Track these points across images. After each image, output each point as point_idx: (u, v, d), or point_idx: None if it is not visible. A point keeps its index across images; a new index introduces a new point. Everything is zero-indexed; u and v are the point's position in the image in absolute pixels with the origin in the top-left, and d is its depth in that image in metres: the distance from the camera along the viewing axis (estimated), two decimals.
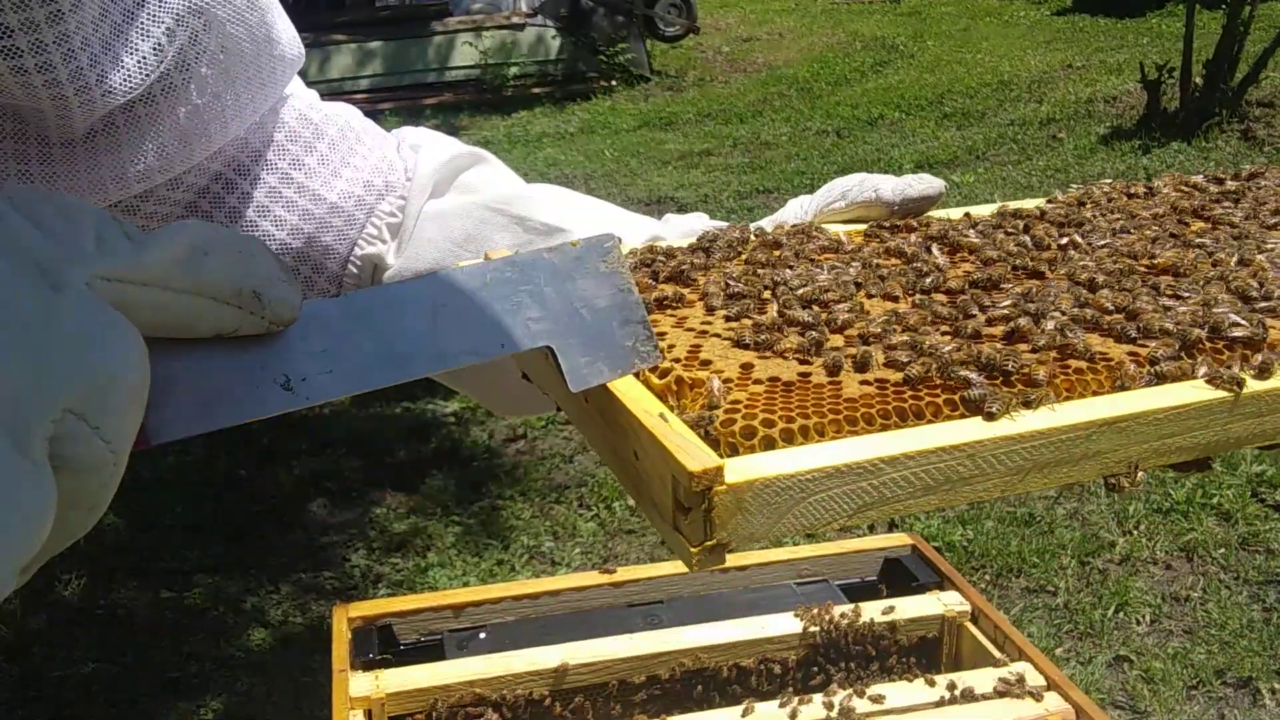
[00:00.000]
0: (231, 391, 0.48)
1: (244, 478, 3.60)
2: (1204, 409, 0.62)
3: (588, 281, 0.59)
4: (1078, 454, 0.60)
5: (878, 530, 3.17)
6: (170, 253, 0.43)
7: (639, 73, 9.51)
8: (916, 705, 1.23)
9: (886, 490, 0.56)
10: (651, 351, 0.60)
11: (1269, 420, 0.64)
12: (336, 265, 0.86)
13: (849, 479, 0.55)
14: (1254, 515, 3.15)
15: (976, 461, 0.58)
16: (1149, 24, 9.78)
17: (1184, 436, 0.62)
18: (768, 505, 0.53)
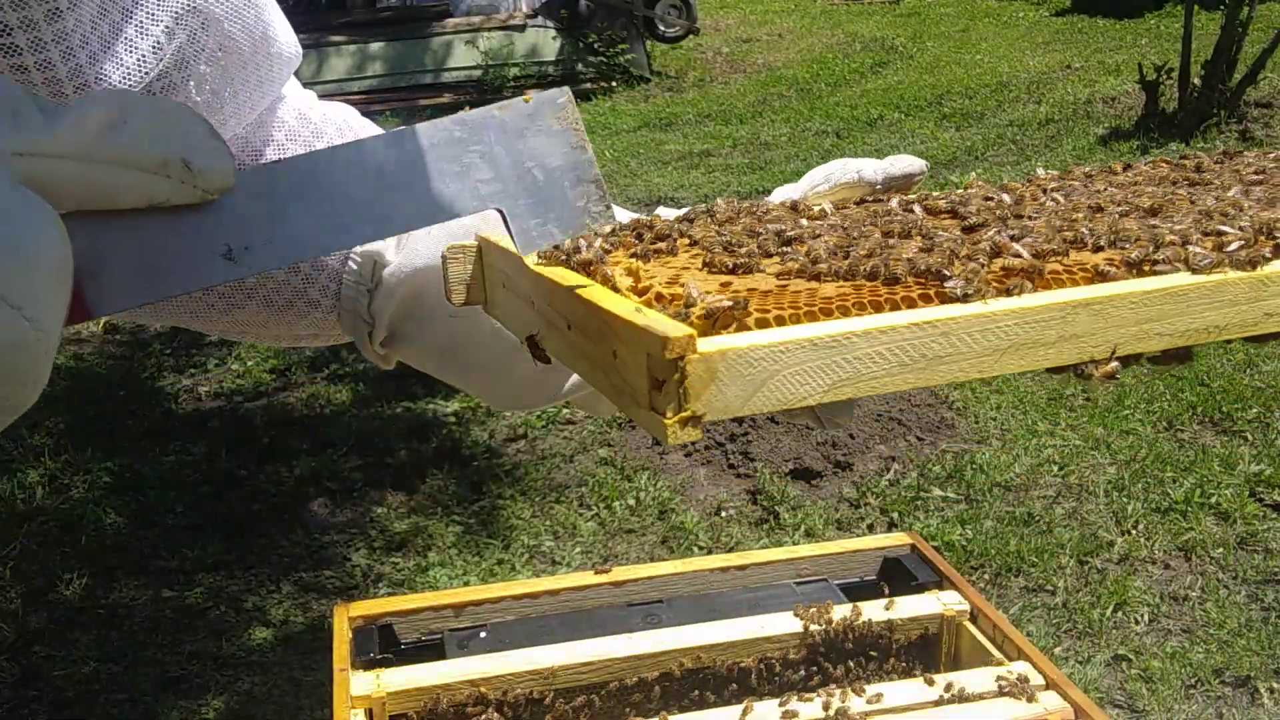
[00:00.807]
0: (171, 262, 0.47)
1: (244, 477, 3.60)
2: (1182, 293, 0.62)
3: (540, 139, 0.57)
4: (1054, 336, 0.59)
5: (877, 530, 3.18)
6: (88, 124, 0.42)
7: (639, 74, 9.52)
8: (915, 704, 1.23)
9: (860, 366, 0.56)
10: (604, 211, 0.59)
11: (1247, 309, 0.64)
12: (336, 262, 0.87)
13: (822, 351, 0.55)
14: (1252, 515, 3.15)
15: (951, 340, 0.57)
16: (1147, 25, 9.79)
17: (1163, 322, 0.62)
18: (741, 376, 0.53)
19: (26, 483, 3.55)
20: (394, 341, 0.91)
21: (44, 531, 3.31)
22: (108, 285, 0.46)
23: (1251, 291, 0.64)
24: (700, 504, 3.39)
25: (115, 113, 0.43)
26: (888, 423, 3.74)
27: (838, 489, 3.42)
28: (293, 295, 0.86)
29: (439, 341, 0.89)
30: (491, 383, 0.93)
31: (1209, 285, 0.63)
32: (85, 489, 3.54)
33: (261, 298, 0.85)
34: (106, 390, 4.23)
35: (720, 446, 3.66)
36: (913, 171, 0.90)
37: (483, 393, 0.96)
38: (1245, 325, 0.64)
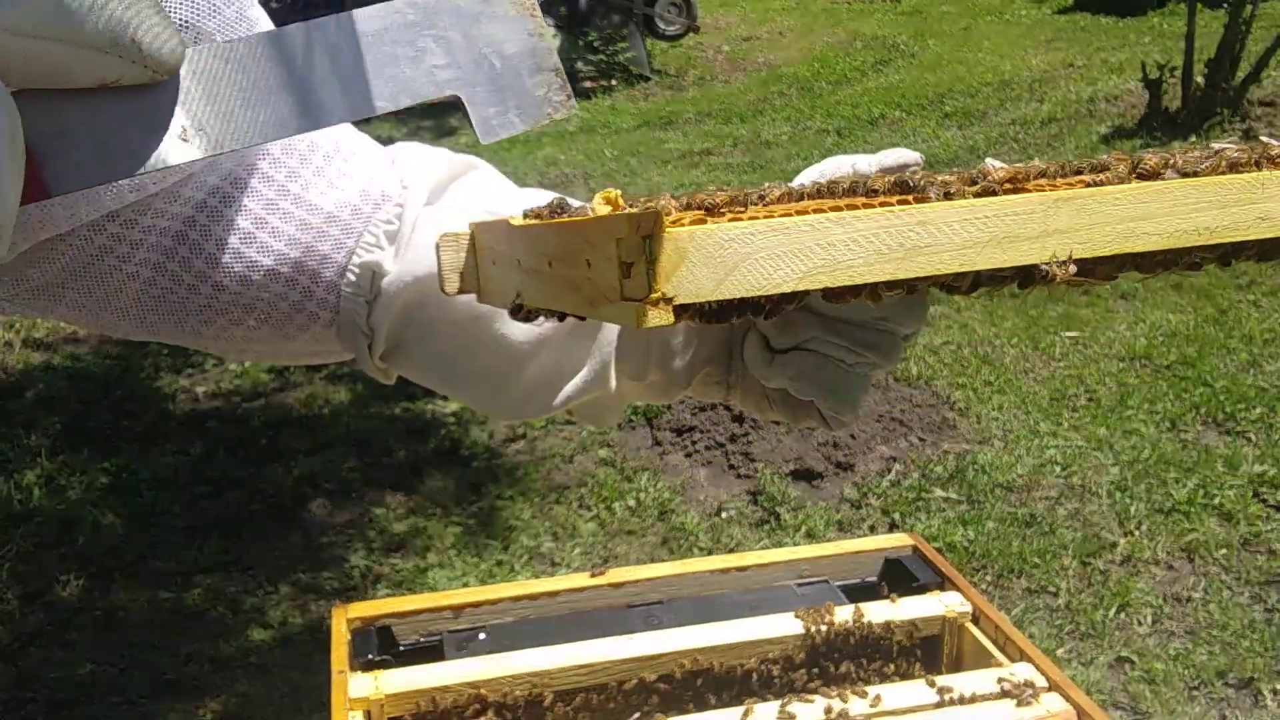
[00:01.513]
0: (128, 141, 0.48)
1: (242, 477, 3.60)
2: (1171, 191, 0.61)
3: (496, 26, 0.56)
4: (1036, 229, 0.58)
5: (878, 531, 3.17)
6: (42, 2, 0.43)
7: (639, 72, 9.51)
8: (917, 706, 1.22)
9: (835, 253, 0.54)
10: (564, 101, 0.58)
11: (1239, 211, 0.62)
12: (334, 274, 0.85)
13: (795, 236, 0.54)
14: (1255, 515, 3.14)
15: (929, 229, 0.56)
16: (1150, 23, 9.78)
17: (1150, 221, 0.61)
18: (711, 257, 0.52)
19: (23, 483, 3.54)
20: (394, 354, 0.90)
21: (41, 532, 3.30)
22: (66, 164, 0.46)
23: (1246, 193, 0.62)
24: (700, 505, 3.38)
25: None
26: (889, 423, 3.73)
27: (839, 490, 3.41)
28: (290, 309, 0.85)
29: (440, 351, 0.88)
30: (491, 393, 0.92)
31: (1200, 184, 0.61)
32: (82, 490, 3.53)
33: (258, 314, 0.84)
34: (103, 391, 4.22)
35: (720, 447, 3.65)
36: (906, 162, 0.89)
37: (481, 402, 0.95)
38: (1236, 228, 0.62)
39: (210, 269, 0.80)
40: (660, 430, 3.78)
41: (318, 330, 0.87)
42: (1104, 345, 4.29)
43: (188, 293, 0.81)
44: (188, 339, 0.85)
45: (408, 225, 0.86)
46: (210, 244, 0.80)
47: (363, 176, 0.87)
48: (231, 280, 0.81)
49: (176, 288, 0.80)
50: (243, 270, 0.81)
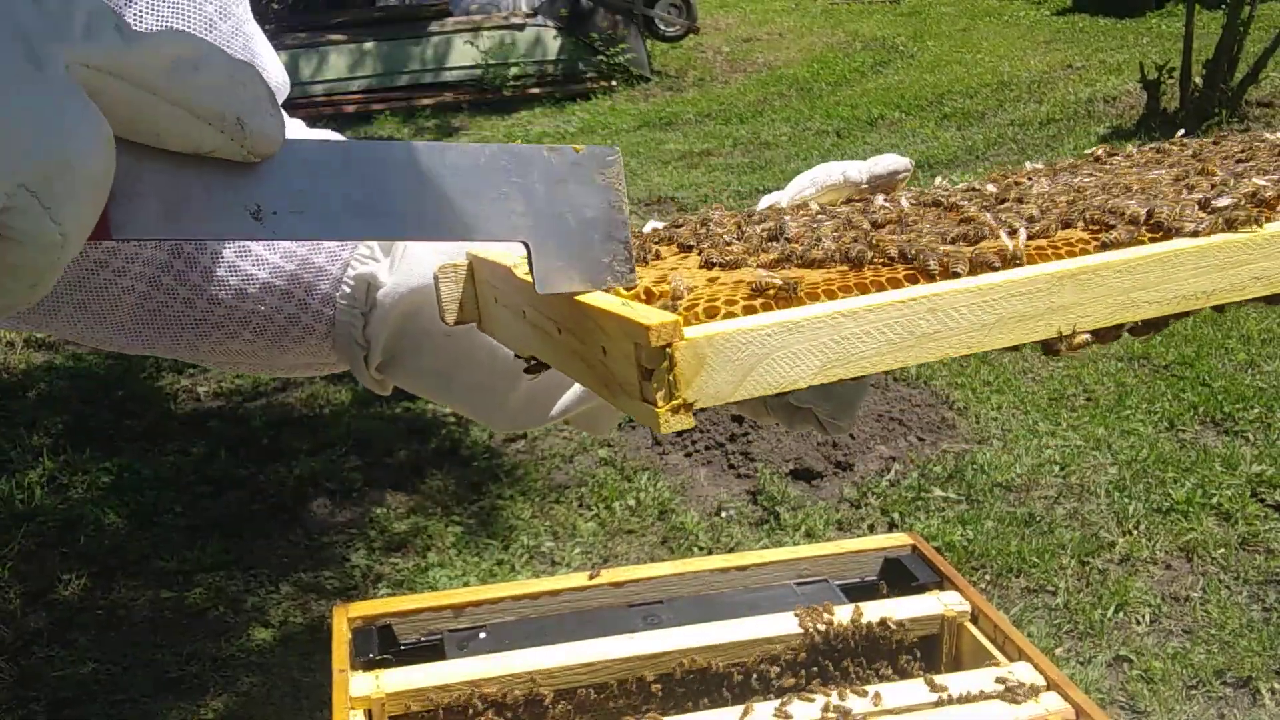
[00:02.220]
0: (201, 206, 0.48)
1: (244, 477, 3.60)
2: (1168, 260, 0.61)
3: (580, 189, 0.57)
4: (1042, 307, 0.59)
5: (877, 530, 3.18)
6: (159, 57, 0.43)
7: (639, 73, 9.51)
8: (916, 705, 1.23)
9: (850, 346, 0.55)
10: (627, 274, 0.59)
11: (1234, 274, 0.63)
12: (329, 286, 0.85)
13: (810, 332, 0.54)
14: (1254, 515, 3.15)
15: (938, 316, 0.57)
16: (1149, 24, 9.78)
17: (1150, 290, 0.61)
18: (730, 361, 0.52)
19: (25, 483, 3.54)
20: (390, 366, 0.90)
21: (43, 532, 3.30)
22: (136, 211, 0.46)
23: (1238, 255, 0.63)
24: (700, 504, 3.38)
25: (191, 54, 0.44)
26: (888, 423, 3.73)
27: (838, 489, 3.41)
28: (286, 323, 0.84)
29: (435, 363, 0.88)
30: (487, 404, 0.92)
31: (1195, 250, 0.62)
32: (84, 489, 3.53)
33: (255, 326, 0.83)
34: (105, 391, 4.23)
35: (720, 447, 3.65)
36: (897, 169, 0.90)
37: (478, 413, 0.95)
38: (1233, 290, 0.63)
39: (205, 282, 0.80)
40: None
41: (313, 343, 0.87)
42: (1102, 345, 4.28)
43: (183, 306, 0.80)
44: (183, 352, 0.85)
45: None
46: (205, 258, 0.80)
47: None
48: (226, 294, 0.81)
49: (172, 301, 0.80)
50: (238, 284, 0.81)
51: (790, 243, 0.67)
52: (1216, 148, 0.93)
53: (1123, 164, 0.93)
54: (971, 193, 0.83)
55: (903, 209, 0.76)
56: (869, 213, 0.77)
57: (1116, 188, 0.76)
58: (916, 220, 0.72)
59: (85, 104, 0.40)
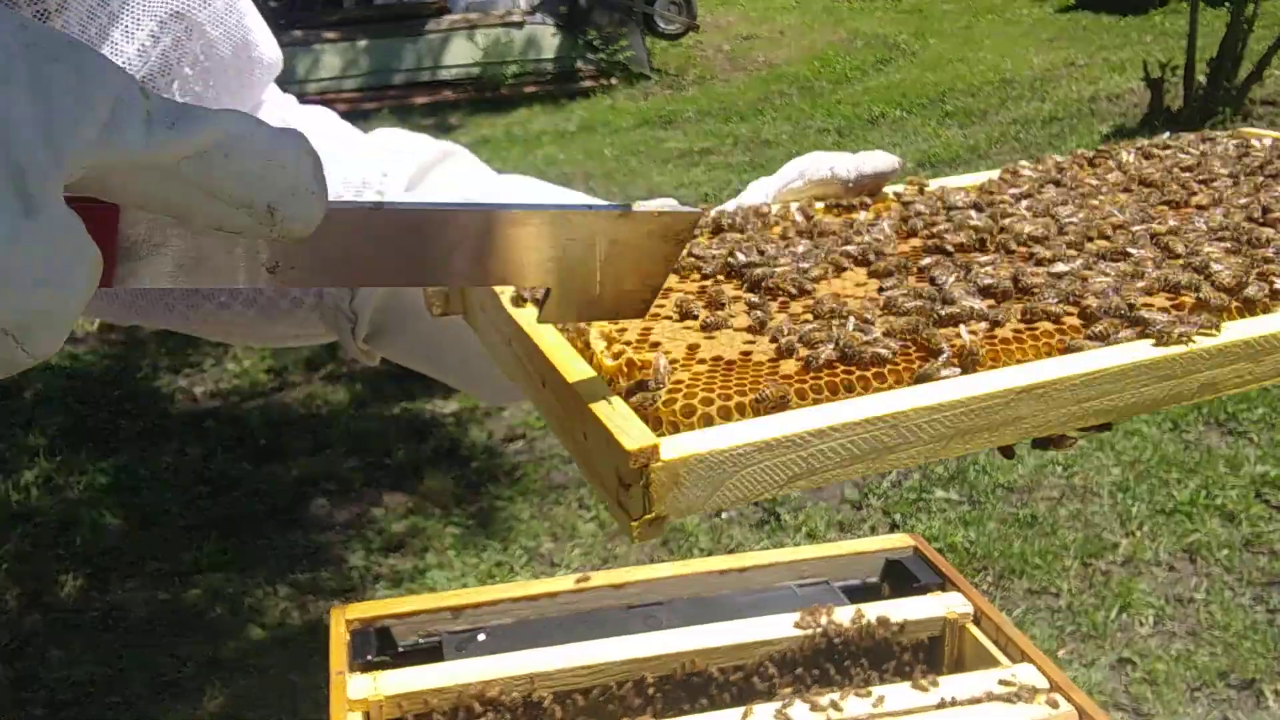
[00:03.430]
0: (215, 264, 0.46)
1: (241, 477, 3.59)
2: (1120, 374, 0.64)
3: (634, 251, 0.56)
4: (998, 420, 0.62)
5: (879, 531, 3.16)
6: (187, 146, 0.40)
7: (639, 71, 9.50)
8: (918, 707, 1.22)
9: (815, 461, 0.58)
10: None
11: (1182, 381, 0.66)
12: None
13: (778, 452, 0.57)
14: (1258, 516, 3.13)
15: (900, 431, 0.60)
16: (1152, 21, 9.77)
17: (1101, 400, 0.64)
18: (702, 479, 0.56)
19: (21, 483, 3.53)
20: (377, 338, 0.91)
21: (39, 533, 3.29)
22: (146, 267, 0.45)
23: (1192, 365, 0.66)
24: None
25: (224, 140, 0.41)
26: None
27: (839, 490, 3.40)
28: (276, 294, 0.86)
29: (421, 336, 0.90)
30: (474, 378, 0.94)
31: (1153, 362, 0.65)
32: (81, 490, 3.53)
33: (245, 298, 0.85)
34: (102, 390, 4.22)
35: None
36: (884, 169, 0.92)
37: (468, 386, 0.96)
38: (1181, 396, 0.67)
39: None
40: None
41: (302, 314, 0.88)
42: None
43: None
44: (175, 322, 0.86)
45: None
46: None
47: (345, 164, 0.88)
48: None
49: None
50: None
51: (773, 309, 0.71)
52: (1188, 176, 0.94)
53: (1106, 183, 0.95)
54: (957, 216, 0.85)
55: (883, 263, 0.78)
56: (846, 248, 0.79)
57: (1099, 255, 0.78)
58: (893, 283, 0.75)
59: (75, 249, 0.38)
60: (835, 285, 0.75)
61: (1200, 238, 0.78)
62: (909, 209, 0.89)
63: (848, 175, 0.91)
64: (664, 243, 0.57)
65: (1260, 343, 0.67)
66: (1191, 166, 0.97)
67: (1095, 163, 1.02)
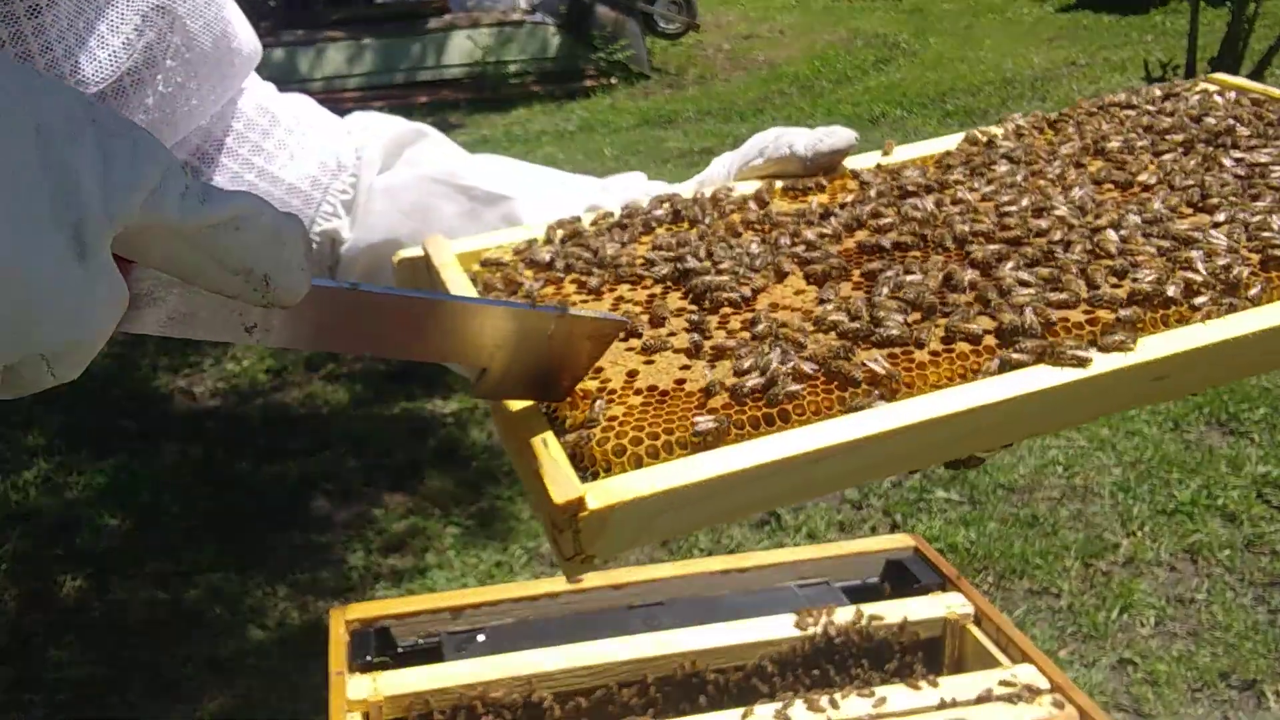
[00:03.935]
0: (204, 319, 0.51)
1: (241, 477, 3.59)
2: (1023, 400, 0.68)
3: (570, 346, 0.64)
4: (915, 449, 0.66)
5: (879, 532, 3.16)
6: (210, 219, 0.46)
7: (639, 70, 9.49)
8: (918, 708, 1.22)
9: (737, 499, 0.63)
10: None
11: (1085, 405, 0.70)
12: None
13: (705, 496, 0.62)
14: (1259, 516, 3.13)
15: (820, 466, 0.64)
16: (1153, 20, 9.76)
17: (1005, 426, 0.69)
18: (629, 522, 0.60)
19: (21, 483, 3.53)
20: None
21: (39, 533, 3.29)
22: (140, 316, 0.50)
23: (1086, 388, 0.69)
24: None
25: (239, 216, 0.47)
26: None
27: (839, 490, 3.40)
28: None
29: None
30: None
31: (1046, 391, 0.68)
32: (81, 490, 3.52)
33: None
34: (102, 391, 4.21)
35: None
36: (840, 147, 0.95)
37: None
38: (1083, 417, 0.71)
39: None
40: None
41: None
42: None
43: None
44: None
45: (362, 194, 0.93)
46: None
47: (320, 148, 0.93)
48: None
49: None
50: None
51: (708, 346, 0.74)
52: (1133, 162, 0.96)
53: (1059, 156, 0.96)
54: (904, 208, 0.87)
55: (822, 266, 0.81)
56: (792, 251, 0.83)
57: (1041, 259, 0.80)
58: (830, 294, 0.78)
59: (113, 291, 0.44)
60: (777, 293, 0.79)
61: (1133, 233, 0.81)
62: (863, 192, 0.92)
63: (806, 154, 0.93)
64: (591, 343, 0.65)
65: (1160, 364, 0.70)
66: (1148, 128, 1.00)
67: (1057, 125, 1.03)
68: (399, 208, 0.93)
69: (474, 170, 0.95)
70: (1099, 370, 0.69)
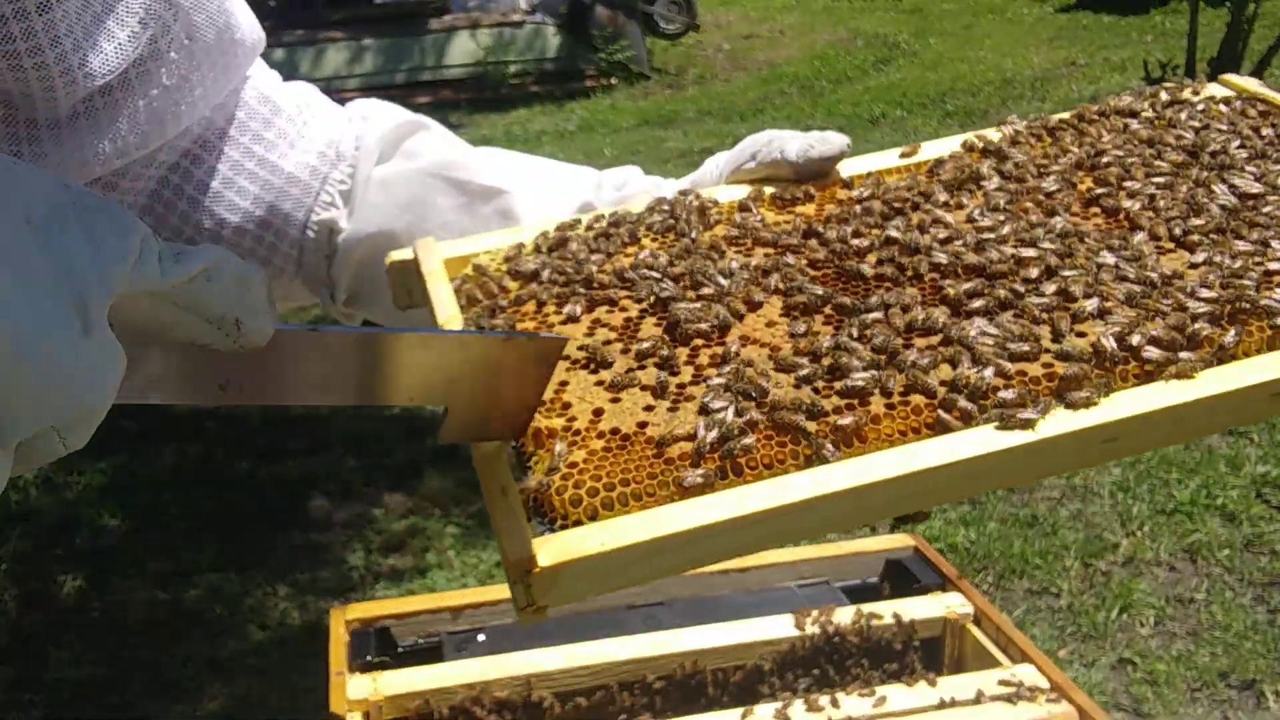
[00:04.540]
0: (178, 379, 0.53)
1: (241, 477, 3.59)
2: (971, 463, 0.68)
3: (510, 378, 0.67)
4: (849, 509, 0.68)
5: (879, 532, 3.16)
6: (185, 275, 0.49)
7: (639, 70, 9.50)
8: (918, 708, 1.22)
9: (682, 557, 0.65)
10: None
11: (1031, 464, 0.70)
12: (296, 231, 0.93)
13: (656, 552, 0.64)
14: (1259, 516, 3.13)
15: (765, 526, 0.65)
16: (1152, 21, 9.77)
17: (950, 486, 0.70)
18: (580, 577, 0.63)
19: (21, 483, 3.53)
20: (355, 301, 0.97)
21: (39, 533, 3.29)
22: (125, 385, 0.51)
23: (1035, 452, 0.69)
24: None
25: (210, 268, 0.50)
26: None
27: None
28: (259, 262, 0.92)
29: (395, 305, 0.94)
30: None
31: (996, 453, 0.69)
32: (80, 490, 3.53)
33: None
34: None
35: None
36: (831, 154, 0.95)
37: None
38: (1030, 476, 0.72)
39: (182, 224, 0.89)
40: None
41: (284, 280, 0.95)
42: None
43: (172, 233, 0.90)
44: None
45: (360, 184, 0.94)
46: (182, 202, 0.89)
47: (320, 138, 0.94)
48: (202, 236, 0.90)
49: (162, 227, 0.89)
50: (213, 226, 0.90)
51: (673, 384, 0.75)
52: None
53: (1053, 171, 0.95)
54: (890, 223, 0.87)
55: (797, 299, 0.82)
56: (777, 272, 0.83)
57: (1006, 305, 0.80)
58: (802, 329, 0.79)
59: (116, 355, 0.47)
60: (749, 323, 0.79)
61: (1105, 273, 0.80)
62: (844, 209, 0.91)
63: (797, 159, 0.93)
64: (538, 365, 0.67)
65: (1114, 426, 0.70)
66: (1149, 141, 0.99)
67: (1056, 133, 1.03)
68: (395, 201, 0.93)
69: (470, 164, 0.96)
70: (1045, 435, 0.68)
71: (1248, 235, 0.84)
